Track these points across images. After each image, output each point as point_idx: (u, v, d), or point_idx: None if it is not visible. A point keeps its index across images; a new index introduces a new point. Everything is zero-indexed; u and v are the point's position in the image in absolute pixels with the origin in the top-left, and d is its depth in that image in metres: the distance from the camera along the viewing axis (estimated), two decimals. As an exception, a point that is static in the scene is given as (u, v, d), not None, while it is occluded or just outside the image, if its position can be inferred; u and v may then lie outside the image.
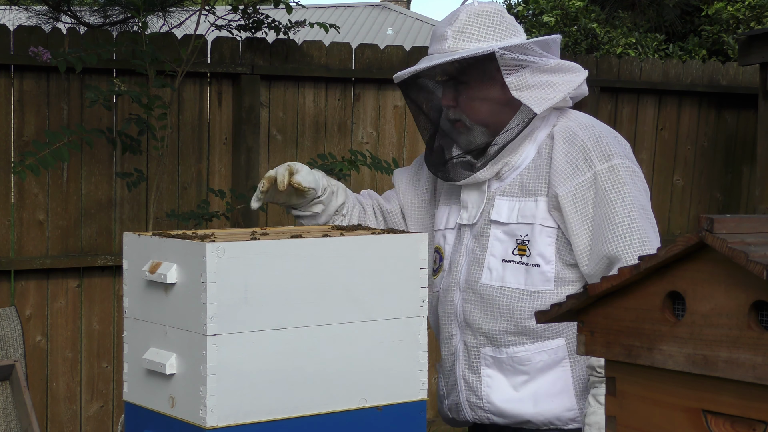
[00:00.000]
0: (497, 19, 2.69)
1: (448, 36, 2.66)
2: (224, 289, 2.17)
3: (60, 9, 5.80)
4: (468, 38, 2.66)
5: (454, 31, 2.66)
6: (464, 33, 2.66)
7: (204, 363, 2.17)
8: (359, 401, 2.35)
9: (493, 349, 2.70)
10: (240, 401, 2.20)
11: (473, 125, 2.69)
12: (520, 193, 2.68)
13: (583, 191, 2.61)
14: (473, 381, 2.73)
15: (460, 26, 2.66)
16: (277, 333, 2.24)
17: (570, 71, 2.71)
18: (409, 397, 2.42)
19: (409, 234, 2.42)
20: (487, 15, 2.69)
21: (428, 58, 2.70)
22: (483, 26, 2.67)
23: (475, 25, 2.67)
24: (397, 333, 2.39)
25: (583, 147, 2.63)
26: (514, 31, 2.71)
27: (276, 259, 2.23)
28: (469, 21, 2.67)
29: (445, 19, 2.73)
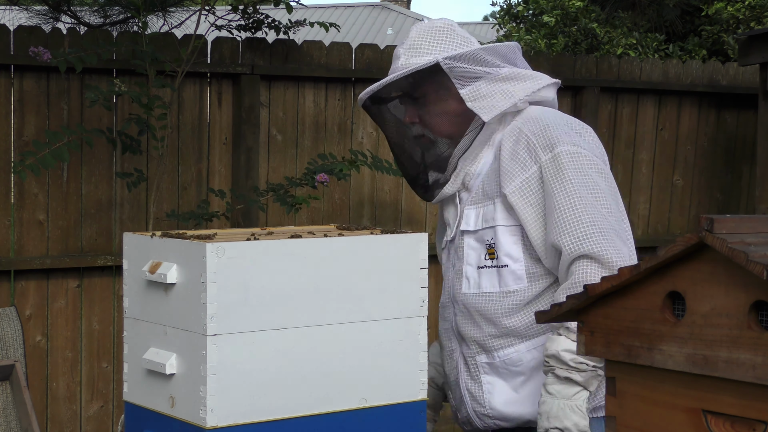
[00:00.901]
0: (447, 32, 2.71)
1: (401, 54, 2.71)
2: (224, 289, 2.17)
3: (60, 9, 5.80)
4: (418, 53, 2.68)
5: (405, 48, 2.70)
6: (414, 49, 2.69)
7: (204, 363, 2.17)
8: (359, 401, 2.35)
9: (487, 356, 2.73)
10: (240, 401, 2.20)
11: (437, 138, 2.72)
12: (482, 198, 2.70)
13: (530, 185, 2.60)
14: (476, 390, 2.75)
15: (410, 43, 2.70)
16: (277, 333, 2.24)
17: (527, 79, 2.70)
18: (409, 397, 2.42)
19: (409, 234, 2.42)
20: (436, 30, 2.71)
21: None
22: (432, 40, 2.69)
23: (424, 40, 2.70)
24: (397, 333, 2.39)
25: (527, 141, 2.63)
26: (465, 43, 2.71)
27: (276, 259, 2.23)
28: (418, 37, 2.70)
29: (402, 40, 2.78)
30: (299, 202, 4.86)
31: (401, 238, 2.40)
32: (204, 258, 2.15)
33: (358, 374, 2.34)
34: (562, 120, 2.68)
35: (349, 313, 2.32)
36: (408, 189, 5.76)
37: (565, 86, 6.08)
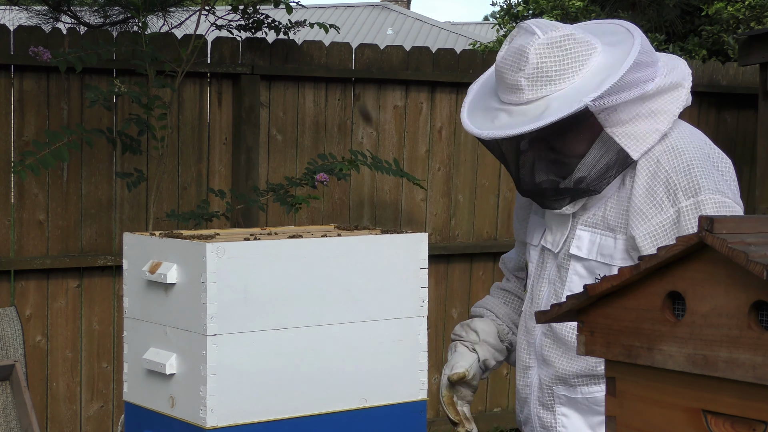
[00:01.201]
0: (569, 44, 2.33)
1: (524, 85, 2.32)
2: (224, 289, 2.17)
3: (60, 9, 5.80)
4: (546, 82, 2.31)
5: (528, 77, 2.31)
6: (541, 77, 2.31)
7: (204, 363, 2.17)
8: (359, 401, 2.35)
9: (566, 389, 2.51)
10: (240, 401, 2.20)
11: (565, 158, 2.41)
12: (602, 226, 2.44)
13: (665, 231, 2.34)
14: (548, 419, 2.54)
15: (532, 70, 2.31)
16: (277, 333, 2.24)
17: (672, 89, 2.39)
18: (409, 397, 2.41)
19: (409, 234, 2.42)
20: (558, 46, 2.32)
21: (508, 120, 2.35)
22: (558, 61, 2.31)
23: (549, 63, 2.31)
24: (397, 333, 2.39)
25: (666, 179, 2.35)
26: (590, 49, 2.34)
27: (276, 259, 2.23)
28: (541, 61, 2.31)
29: (509, 60, 2.35)
30: (299, 202, 4.86)
31: (401, 238, 2.40)
32: (204, 258, 2.15)
33: (358, 374, 2.34)
34: (704, 155, 2.39)
35: (349, 313, 2.32)
36: (408, 189, 5.76)
37: (565, 86, 6.08)
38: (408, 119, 5.82)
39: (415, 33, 19.33)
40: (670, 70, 2.40)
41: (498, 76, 2.38)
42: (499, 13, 10.61)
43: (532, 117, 2.31)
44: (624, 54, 2.33)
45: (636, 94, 2.32)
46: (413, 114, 5.83)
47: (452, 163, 5.92)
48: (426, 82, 5.83)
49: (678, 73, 2.40)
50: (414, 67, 5.80)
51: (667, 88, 2.37)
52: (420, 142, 5.85)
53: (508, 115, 2.36)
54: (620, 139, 2.35)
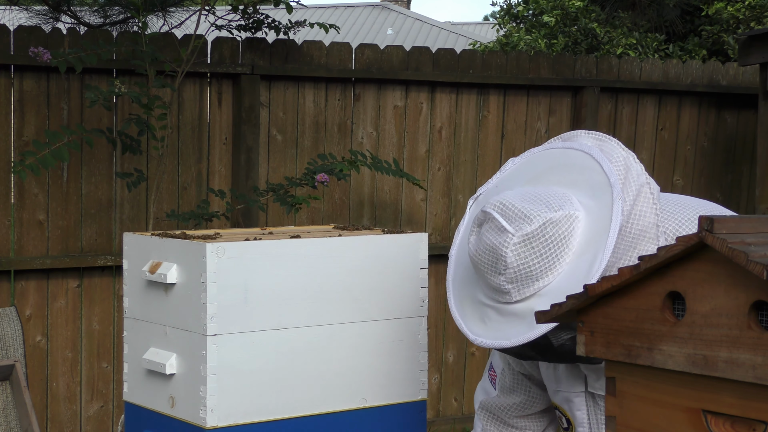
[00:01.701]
0: (548, 233, 2.12)
1: (507, 288, 2.13)
2: (224, 289, 2.17)
3: (60, 9, 5.80)
4: (532, 280, 2.12)
5: (510, 280, 2.12)
6: (524, 278, 2.12)
7: (204, 363, 2.17)
8: (359, 401, 2.35)
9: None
10: (240, 401, 2.20)
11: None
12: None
13: None
14: None
15: (513, 273, 2.12)
16: (277, 333, 2.24)
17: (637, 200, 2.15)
18: (409, 397, 2.41)
19: (409, 234, 2.42)
20: (536, 239, 2.11)
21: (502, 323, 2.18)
22: (541, 256, 2.11)
23: (530, 260, 2.11)
24: (397, 333, 2.39)
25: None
26: (570, 227, 2.13)
27: (276, 259, 2.23)
28: (521, 262, 2.11)
29: (487, 262, 2.15)
30: (299, 202, 4.86)
31: (401, 238, 2.40)
32: (204, 258, 2.15)
33: (358, 374, 2.34)
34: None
35: (349, 313, 2.32)
36: (408, 189, 5.76)
37: (565, 86, 6.09)
38: (408, 119, 5.82)
39: (415, 33, 19.33)
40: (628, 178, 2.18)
41: (477, 271, 2.18)
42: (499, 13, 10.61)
43: (525, 323, 2.13)
44: (606, 214, 2.13)
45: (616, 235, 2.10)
46: (413, 114, 5.83)
47: (452, 163, 5.92)
48: (426, 82, 5.83)
49: (633, 175, 2.18)
50: (414, 67, 5.80)
51: (633, 201, 2.14)
52: (420, 142, 5.85)
53: (498, 315, 2.18)
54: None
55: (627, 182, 2.16)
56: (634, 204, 2.14)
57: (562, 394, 2.40)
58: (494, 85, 6.00)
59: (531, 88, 6.06)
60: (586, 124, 6.10)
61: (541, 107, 6.11)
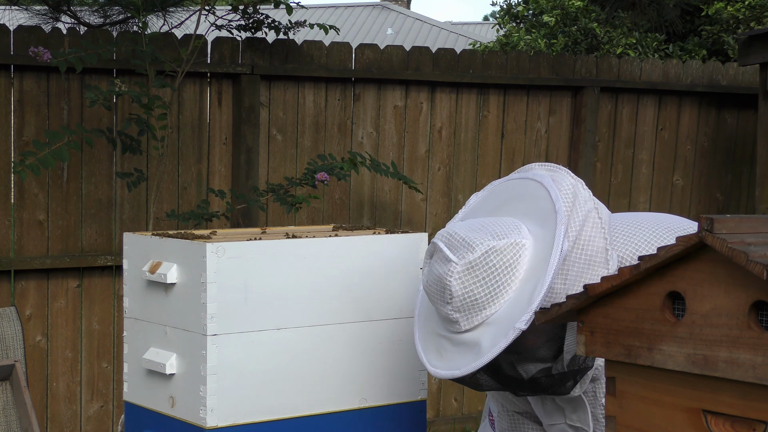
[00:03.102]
0: (492, 262, 2.13)
1: (455, 317, 2.14)
2: (224, 289, 2.17)
3: (60, 9, 5.80)
4: (478, 309, 2.13)
5: (457, 309, 2.13)
6: (470, 307, 2.13)
7: (204, 363, 2.17)
8: (359, 401, 2.35)
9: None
10: (240, 401, 2.20)
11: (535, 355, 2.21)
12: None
13: None
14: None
15: (459, 302, 2.13)
16: (277, 333, 2.24)
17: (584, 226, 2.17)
18: (409, 397, 2.41)
19: (409, 234, 2.42)
20: (480, 268, 2.12)
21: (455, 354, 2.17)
22: (485, 284, 2.13)
23: (476, 289, 2.13)
24: (397, 333, 2.39)
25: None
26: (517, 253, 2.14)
27: (276, 259, 2.23)
28: (466, 290, 2.12)
29: (434, 291, 2.15)
30: (299, 202, 4.86)
31: (401, 238, 2.40)
32: (204, 258, 2.15)
33: (358, 374, 2.33)
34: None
35: (349, 313, 2.32)
36: (408, 189, 5.76)
37: (565, 86, 6.09)
38: (408, 119, 5.82)
39: (415, 33, 19.32)
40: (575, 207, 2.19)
41: (431, 302, 2.19)
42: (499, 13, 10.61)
43: (473, 352, 2.14)
44: (549, 240, 2.14)
45: (559, 265, 2.11)
46: (413, 114, 5.83)
47: (452, 163, 5.92)
48: (426, 82, 5.83)
49: (580, 202, 2.19)
50: (414, 67, 5.80)
51: (580, 228, 2.16)
52: (420, 142, 5.85)
53: (451, 345, 2.19)
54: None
55: (574, 209, 2.17)
56: (582, 229, 2.15)
57: (558, 426, 2.38)
58: (494, 85, 6.00)
59: (531, 88, 6.06)
60: (586, 124, 6.11)
61: (541, 107, 6.11)
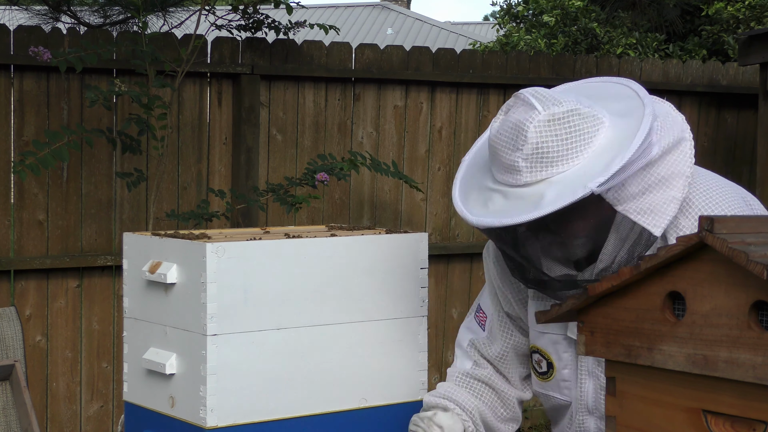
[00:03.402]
0: (573, 121, 2.08)
1: (521, 167, 2.07)
2: (224, 289, 2.17)
3: (60, 9, 5.80)
4: (547, 163, 2.06)
5: (526, 158, 2.07)
6: (541, 159, 2.06)
7: (204, 363, 2.17)
8: (359, 401, 2.35)
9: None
10: (240, 401, 2.20)
11: (575, 243, 2.13)
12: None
13: None
14: None
15: (531, 150, 2.06)
16: (277, 333, 2.24)
17: (676, 145, 2.13)
18: (409, 397, 2.41)
19: (409, 234, 2.41)
20: (561, 123, 2.07)
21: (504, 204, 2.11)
22: (560, 141, 2.07)
23: (550, 142, 2.06)
24: (397, 333, 2.39)
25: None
26: (596, 124, 2.09)
27: (276, 259, 2.23)
28: (541, 140, 2.06)
29: (506, 136, 2.10)
30: (299, 202, 4.86)
31: (401, 238, 2.40)
32: (204, 258, 2.15)
33: (358, 374, 2.34)
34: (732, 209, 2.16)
35: (349, 313, 2.32)
36: (408, 189, 5.76)
37: (565, 86, 6.08)
38: (408, 119, 5.82)
39: (415, 33, 19.32)
40: (669, 126, 2.15)
41: (492, 153, 2.13)
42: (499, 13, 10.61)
43: (531, 203, 2.06)
44: (634, 127, 2.09)
45: (642, 164, 2.07)
46: (413, 114, 5.83)
47: (452, 163, 5.92)
48: (426, 82, 5.83)
49: (677, 126, 2.16)
50: (414, 67, 5.80)
51: (671, 146, 2.12)
52: (420, 142, 5.85)
53: (503, 198, 2.12)
54: (636, 217, 2.09)
55: (665, 125, 2.13)
56: (673, 149, 2.12)
57: (549, 336, 2.34)
58: (494, 85, 6.00)
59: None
60: (586, 124, 6.10)
61: (541, 107, 6.10)
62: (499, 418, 2.47)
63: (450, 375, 2.47)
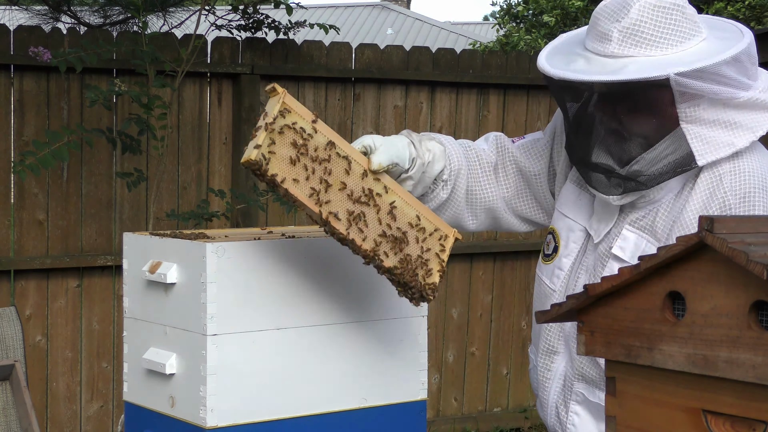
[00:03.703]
0: (676, 15, 2.21)
1: (614, 36, 2.20)
2: (224, 289, 2.17)
3: (60, 9, 5.80)
4: (639, 42, 2.19)
5: (621, 30, 2.20)
6: (634, 35, 2.19)
7: (204, 363, 2.17)
8: (359, 401, 2.35)
9: (586, 387, 2.42)
10: (240, 401, 2.20)
11: (625, 139, 2.25)
12: (650, 231, 2.30)
13: None
14: (562, 413, 2.47)
15: (629, 25, 2.19)
16: (277, 333, 2.24)
17: (760, 109, 2.21)
18: (409, 397, 2.41)
19: (409, 234, 2.41)
20: (664, 11, 2.20)
21: (585, 66, 2.25)
22: (658, 27, 2.19)
23: (649, 24, 2.19)
24: (397, 333, 2.39)
25: (723, 201, 2.21)
26: (695, 30, 2.21)
27: (276, 259, 2.23)
28: (641, 19, 2.19)
29: (610, 8, 2.24)
30: (299, 202, 4.85)
31: (401, 238, 2.39)
32: (204, 258, 2.15)
33: (358, 374, 2.34)
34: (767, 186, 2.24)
35: (349, 313, 2.32)
36: (408, 189, 5.75)
37: (565, 86, 6.09)
38: (408, 119, 5.82)
39: (415, 33, 19.32)
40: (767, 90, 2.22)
41: (592, 21, 2.26)
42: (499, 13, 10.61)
43: (610, 69, 2.18)
44: (728, 47, 2.19)
45: (724, 94, 2.17)
46: (413, 114, 5.83)
47: (452, 163, 5.92)
48: (426, 81, 5.83)
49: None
50: (414, 67, 5.80)
51: (758, 105, 2.20)
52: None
53: (586, 62, 2.24)
54: (692, 139, 2.20)
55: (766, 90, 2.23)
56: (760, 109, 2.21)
57: (569, 221, 2.43)
58: (494, 85, 6.00)
59: (531, 87, 6.06)
60: (586, 124, 6.10)
61: (541, 107, 6.11)
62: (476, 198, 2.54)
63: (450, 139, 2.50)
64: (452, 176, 2.44)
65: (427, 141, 2.40)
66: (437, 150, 2.40)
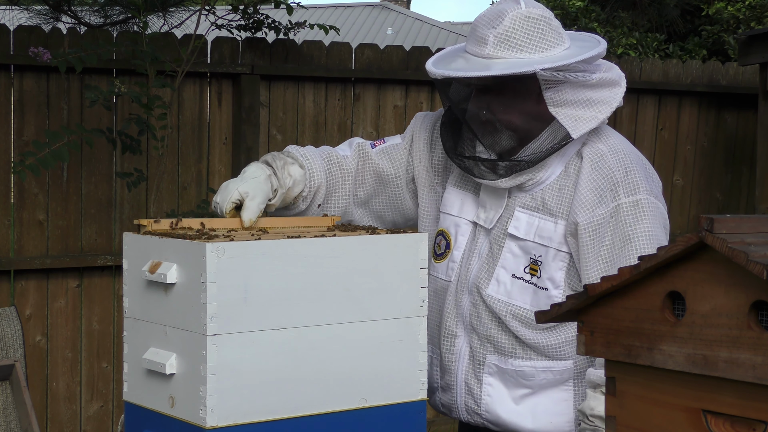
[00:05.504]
0: (543, 26, 2.57)
1: (489, 41, 2.55)
2: (224, 289, 2.17)
3: (60, 9, 5.80)
4: (510, 46, 2.54)
5: (496, 36, 2.55)
6: (507, 40, 2.54)
7: (204, 363, 2.17)
8: (359, 401, 2.35)
9: (498, 358, 2.65)
10: (240, 401, 2.20)
11: (503, 129, 2.58)
12: (542, 210, 2.60)
13: (603, 223, 2.53)
14: (474, 387, 2.68)
15: (503, 31, 2.55)
16: (277, 333, 2.24)
17: (611, 85, 2.61)
18: (409, 397, 2.41)
19: (409, 234, 2.42)
20: (533, 21, 2.56)
21: (464, 65, 2.58)
22: (527, 34, 2.55)
23: (519, 32, 2.54)
24: (397, 333, 2.39)
25: (610, 176, 2.56)
26: (558, 39, 2.58)
27: (276, 259, 2.23)
28: (513, 27, 2.54)
29: (487, 17, 2.59)
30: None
31: (401, 238, 2.40)
32: (204, 258, 2.15)
33: (358, 374, 2.34)
34: (640, 161, 2.64)
35: (349, 313, 2.32)
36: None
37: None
38: (408, 119, 5.82)
39: (415, 33, 19.32)
40: (609, 69, 2.63)
41: (471, 29, 2.61)
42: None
43: (484, 66, 2.53)
44: (586, 49, 2.59)
45: (580, 78, 2.55)
46: (413, 114, 5.83)
47: (452, 163, 5.92)
48: (426, 81, 5.83)
49: (615, 72, 2.63)
50: (414, 67, 5.80)
51: (607, 82, 2.60)
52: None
53: (464, 61, 2.59)
54: (563, 119, 2.55)
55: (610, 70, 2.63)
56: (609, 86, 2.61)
57: (454, 219, 2.72)
58: (494, 85, 5.99)
59: (531, 88, 6.06)
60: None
61: (541, 107, 6.10)
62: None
63: (322, 148, 2.80)
64: (311, 193, 2.72)
65: (289, 166, 2.67)
66: (298, 175, 2.67)
